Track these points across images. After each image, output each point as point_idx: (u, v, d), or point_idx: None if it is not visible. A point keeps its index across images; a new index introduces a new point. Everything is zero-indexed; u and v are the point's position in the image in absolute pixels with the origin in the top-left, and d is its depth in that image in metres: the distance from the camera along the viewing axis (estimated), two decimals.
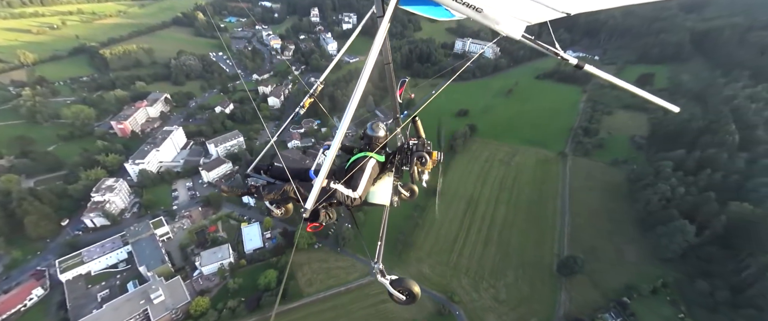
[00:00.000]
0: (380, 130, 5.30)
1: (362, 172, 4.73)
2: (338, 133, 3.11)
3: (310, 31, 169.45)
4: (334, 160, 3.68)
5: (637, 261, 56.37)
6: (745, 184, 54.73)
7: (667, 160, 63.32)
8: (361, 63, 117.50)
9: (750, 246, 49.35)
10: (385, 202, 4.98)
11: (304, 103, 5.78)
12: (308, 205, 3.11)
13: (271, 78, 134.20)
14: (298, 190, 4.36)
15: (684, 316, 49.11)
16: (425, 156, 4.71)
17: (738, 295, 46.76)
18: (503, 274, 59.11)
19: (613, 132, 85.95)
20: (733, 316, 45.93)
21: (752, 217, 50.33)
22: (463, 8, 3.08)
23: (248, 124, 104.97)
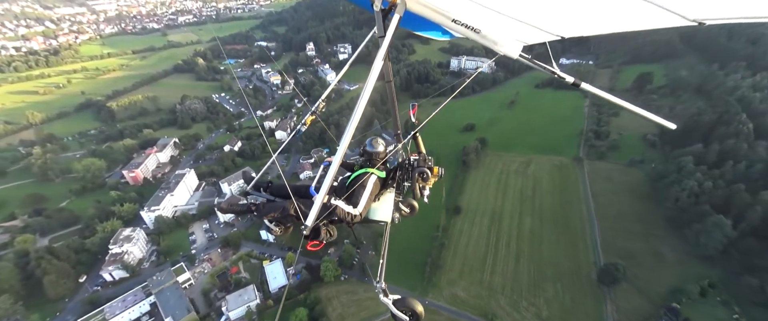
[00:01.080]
0: (379, 145, 5.34)
1: (363, 189, 4.70)
2: (339, 149, 3.17)
3: (308, 65, 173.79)
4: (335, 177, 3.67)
5: (677, 262, 54.68)
6: None
7: (687, 156, 62.98)
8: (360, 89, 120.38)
9: None
10: (387, 218, 4.96)
11: (306, 120, 5.90)
12: (309, 222, 3.11)
13: (274, 113, 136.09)
14: (299, 208, 4.22)
15: (739, 317, 46.95)
16: (427, 171, 4.68)
17: None
18: (541, 290, 57.07)
19: (623, 132, 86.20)
20: None
21: None
22: (462, 29, 3.24)
23: (258, 160, 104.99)
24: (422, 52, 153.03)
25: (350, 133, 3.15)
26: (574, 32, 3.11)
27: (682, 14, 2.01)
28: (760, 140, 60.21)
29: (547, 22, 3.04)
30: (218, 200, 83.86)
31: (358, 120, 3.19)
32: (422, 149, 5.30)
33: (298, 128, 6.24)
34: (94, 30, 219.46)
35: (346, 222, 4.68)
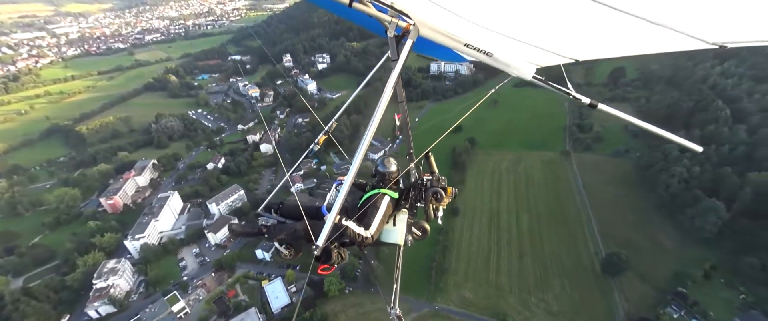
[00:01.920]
0: (392, 165, 5.25)
1: (376, 210, 4.63)
2: (352, 169, 3.12)
3: (287, 76, 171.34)
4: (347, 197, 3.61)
5: (675, 247, 56.62)
6: (754, 155, 57.48)
7: (672, 144, 65.77)
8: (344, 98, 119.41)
9: None
10: (399, 241, 4.82)
11: (318, 139, 5.93)
12: (320, 242, 3.00)
13: (256, 126, 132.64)
14: (310, 229, 4.18)
15: (745, 296, 48.94)
16: (441, 192, 4.62)
17: None
18: (548, 285, 57.49)
19: (605, 124, 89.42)
20: None
21: None
22: (474, 53, 3.30)
23: (245, 176, 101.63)
24: None
25: (363, 152, 3.14)
26: (589, 55, 3.07)
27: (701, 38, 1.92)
28: (739, 124, 63.88)
29: (560, 46, 3.01)
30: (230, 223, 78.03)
31: (370, 140, 3.13)
32: (435, 169, 5.22)
33: (311, 148, 6.19)
34: (55, 53, 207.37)
35: (357, 244, 4.59)
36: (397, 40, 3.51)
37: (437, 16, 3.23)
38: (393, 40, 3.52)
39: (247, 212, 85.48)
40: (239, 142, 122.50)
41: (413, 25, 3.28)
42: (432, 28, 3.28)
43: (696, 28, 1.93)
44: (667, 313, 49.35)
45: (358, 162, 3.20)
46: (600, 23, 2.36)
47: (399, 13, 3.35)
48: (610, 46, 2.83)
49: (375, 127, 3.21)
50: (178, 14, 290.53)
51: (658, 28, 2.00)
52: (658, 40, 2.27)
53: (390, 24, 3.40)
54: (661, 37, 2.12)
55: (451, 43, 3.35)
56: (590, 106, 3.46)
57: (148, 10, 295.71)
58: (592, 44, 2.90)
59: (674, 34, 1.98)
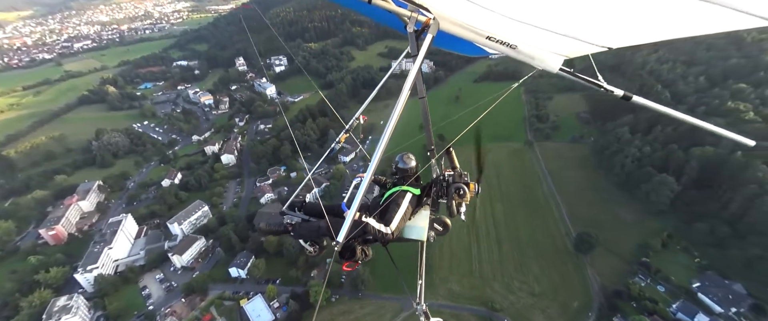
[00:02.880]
0: (411, 161, 5.27)
1: (398, 207, 4.63)
2: (371, 165, 3.11)
3: (242, 80, 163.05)
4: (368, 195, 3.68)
5: (635, 221, 62.14)
6: (695, 131, 64.76)
7: (622, 127, 72.33)
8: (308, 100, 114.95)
9: (724, 181, 57.95)
10: (422, 237, 4.82)
11: (340, 138, 5.94)
12: (340, 238, 3.07)
13: (213, 135, 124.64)
14: (332, 226, 4.15)
15: (700, 260, 54.96)
16: (463, 187, 4.60)
17: (737, 226, 54.22)
18: (528, 268, 60.33)
19: (560, 114, 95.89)
20: (742, 246, 52.74)
21: (716, 158, 59.41)
22: (497, 46, 3.21)
23: (207, 190, 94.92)
24: (362, 58, 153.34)
25: (382, 149, 3.08)
26: (624, 42, 2.80)
27: (759, 15, 1.68)
28: (679, 105, 71.69)
29: (591, 33, 2.77)
30: (257, 219, 74.73)
31: (390, 136, 3.08)
32: (457, 164, 5.16)
33: (333, 146, 6.18)
34: None
35: (380, 241, 4.61)
36: (417, 35, 3.45)
37: (458, 9, 3.10)
38: (412, 35, 3.45)
39: (215, 229, 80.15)
40: (196, 154, 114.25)
41: (433, 19, 3.20)
42: (453, 21, 3.21)
43: (753, 4, 1.66)
44: (636, 283, 54.08)
45: (378, 159, 3.11)
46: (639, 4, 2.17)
47: (418, 8, 3.26)
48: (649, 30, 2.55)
49: (394, 123, 3.12)
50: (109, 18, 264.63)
51: (707, 6, 1.75)
52: (706, 20, 2.01)
53: (409, 19, 3.33)
54: (710, 16, 1.90)
55: (472, 37, 3.26)
56: (624, 98, 3.33)
57: (75, 15, 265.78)
58: (629, 29, 2.63)
59: (726, 12, 1.76)
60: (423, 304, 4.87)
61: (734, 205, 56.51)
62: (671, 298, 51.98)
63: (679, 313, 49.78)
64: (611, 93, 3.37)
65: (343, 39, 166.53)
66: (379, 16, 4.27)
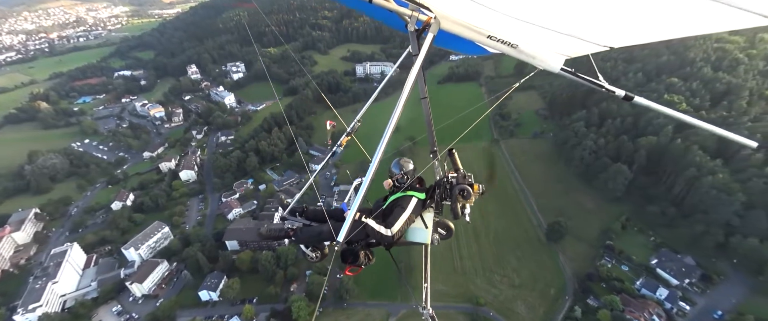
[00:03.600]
0: (409, 164, 5.27)
1: (402, 210, 4.66)
2: (371, 167, 3.20)
3: (196, 90, 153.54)
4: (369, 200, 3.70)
5: (596, 208, 67.10)
6: (638, 123, 71.57)
7: (578, 122, 78.02)
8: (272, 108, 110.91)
9: (668, 167, 64.48)
10: (426, 240, 4.89)
11: (341, 141, 5.87)
12: (340, 238, 3.16)
13: (168, 151, 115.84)
14: (334, 230, 4.21)
15: (654, 238, 60.56)
16: (468, 189, 4.56)
17: (682, 206, 60.39)
18: (507, 260, 62.67)
19: (520, 111, 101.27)
20: (688, 223, 58.79)
21: (659, 146, 65.92)
22: (498, 45, 3.23)
23: (166, 210, 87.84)
24: (325, 63, 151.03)
25: (381, 151, 3.13)
26: (626, 41, 2.88)
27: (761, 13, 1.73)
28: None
29: (593, 33, 2.81)
30: (257, 224, 72.20)
31: (389, 137, 3.13)
32: (460, 166, 5.10)
33: (334, 150, 5.98)
34: None
35: (383, 244, 4.64)
36: (418, 35, 3.46)
37: (459, 8, 3.09)
38: (414, 34, 3.46)
39: (179, 251, 74.36)
40: (150, 172, 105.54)
41: (434, 18, 3.20)
42: (454, 20, 3.19)
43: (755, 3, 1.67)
44: (603, 265, 58.32)
45: (378, 160, 3.13)
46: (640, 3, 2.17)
47: (419, 7, 3.26)
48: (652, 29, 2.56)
49: (395, 123, 3.14)
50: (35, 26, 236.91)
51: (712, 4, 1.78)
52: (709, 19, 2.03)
53: (410, 18, 3.33)
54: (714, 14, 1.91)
55: (473, 36, 3.25)
56: (625, 98, 3.30)
57: None
58: (631, 28, 2.65)
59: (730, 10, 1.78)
60: (429, 308, 4.72)
61: (678, 187, 63.16)
62: (635, 276, 56.74)
63: (643, 289, 54.43)
64: (612, 93, 3.28)
65: (303, 43, 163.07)
66: (380, 15, 4.17)
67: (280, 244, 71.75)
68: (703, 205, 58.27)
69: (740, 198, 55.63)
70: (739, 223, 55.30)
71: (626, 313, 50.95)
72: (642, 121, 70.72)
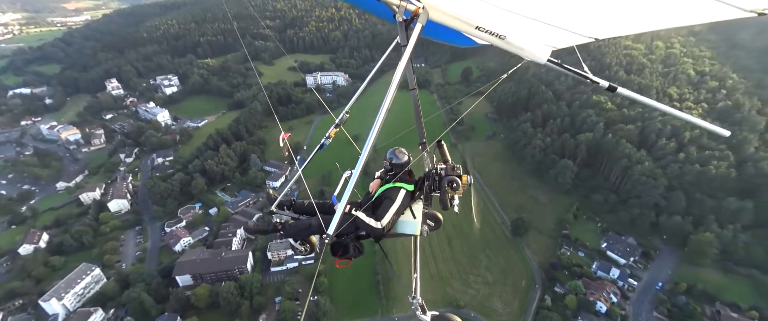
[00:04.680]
0: (404, 155, 5.25)
1: (391, 202, 4.69)
2: (360, 159, 3.25)
3: (119, 107, 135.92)
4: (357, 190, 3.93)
5: (550, 202, 73.02)
6: (575, 121, 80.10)
7: (525, 123, 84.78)
8: (218, 124, 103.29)
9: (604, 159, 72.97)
10: (415, 232, 4.94)
11: (330, 133, 5.74)
12: (330, 231, 3.25)
13: (90, 178, 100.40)
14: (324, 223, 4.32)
15: (601, 224, 67.65)
16: (456, 180, 4.64)
17: (619, 193, 68.41)
18: (478, 260, 64.86)
19: (472, 115, 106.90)
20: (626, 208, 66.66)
21: (595, 141, 74.30)
22: (486, 36, 3.30)
23: (94, 248, 75.69)
24: (271, 74, 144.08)
25: (371, 143, 3.18)
26: (610, 33, 3.03)
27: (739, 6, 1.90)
28: (560, 101, 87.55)
29: (579, 24, 2.94)
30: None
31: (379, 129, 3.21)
32: (448, 157, 5.24)
33: (322, 143, 5.79)
34: None
35: (372, 236, 4.69)
36: (406, 25, 3.43)
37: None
38: (402, 24, 3.43)
39: (116, 295, 64.44)
40: (68, 205, 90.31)
41: (422, 8, 3.20)
42: (442, 11, 3.20)
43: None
44: (563, 253, 63.47)
45: (367, 151, 3.15)
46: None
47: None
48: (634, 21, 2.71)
49: (384, 114, 3.16)
50: None
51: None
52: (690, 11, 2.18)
53: (398, 8, 3.34)
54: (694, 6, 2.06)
55: (461, 27, 3.28)
56: (609, 89, 3.37)
57: None
58: (615, 20, 2.78)
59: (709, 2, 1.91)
60: (418, 297, 4.80)
61: (614, 176, 71.75)
62: (590, 260, 62.64)
63: (599, 271, 60.26)
64: (597, 84, 3.34)
65: (245, 54, 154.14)
66: (368, 5, 4.12)
67: (241, 272, 66.05)
68: (635, 190, 66.85)
69: (663, 182, 65.00)
70: (665, 203, 64.45)
71: (588, 296, 55.79)
72: (578, 120, 79.41)
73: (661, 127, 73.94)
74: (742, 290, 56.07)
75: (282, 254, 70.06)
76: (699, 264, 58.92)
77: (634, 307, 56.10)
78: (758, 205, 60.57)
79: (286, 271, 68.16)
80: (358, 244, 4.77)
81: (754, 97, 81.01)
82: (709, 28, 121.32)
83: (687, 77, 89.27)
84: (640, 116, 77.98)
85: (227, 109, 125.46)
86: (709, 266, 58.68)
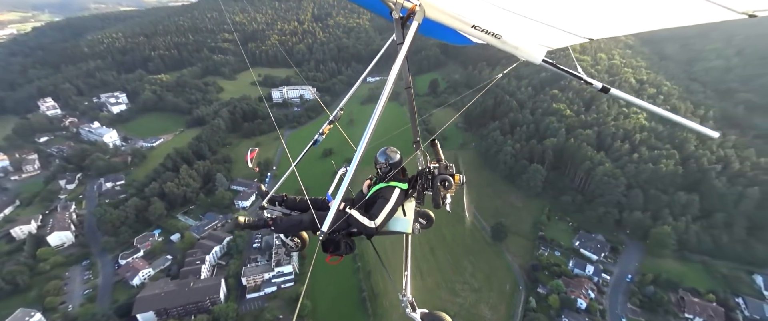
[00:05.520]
0: (396, 154, 5.29)
1: (386, 201, 4.73)
2: (356, 156, 3.27)
3: (56, 129, 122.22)
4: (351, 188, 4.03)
5: (524, 205, 75.90)
6: (539, 127, 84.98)
7: (494, 131, 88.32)
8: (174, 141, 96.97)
9: (568, 162, 77.63)
10: (407, 229, 4.99)
11: (323, 129, 5.65)
12: (324, 228, 3.27)
13: (23, 210, 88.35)
14: (317, 219, 4.49)
15: (572, 223, 71.33)
16: (449, 178, 4.64)
17: (585, 194, 72.83)
18: (463, 267, 65.12)
19: (440, 126, 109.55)
20: (592, 207, 70.91)
21: (559, 146, 79.02)
22: (482, 35, 3.29)
23: (32, 290, 66.02)
24: (233, 89, 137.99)
25: (366, 140, 3.16)
26: (605, 33, 3.06)
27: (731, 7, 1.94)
28: (524, 110, 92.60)
29: (574, 24, 2.96)
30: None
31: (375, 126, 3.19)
32: (442, 156, 5.28)
33: (315, 139, 5.75)
34: None
35: (365, 234, 4.70)
36: (403, 22, 3.49)
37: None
38: (398, 22, 3.48)
39: None
40: None
41: (419, 5, 3.21)
42: (439, 9, 3.20)
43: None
44: (542, 254, 65.85)
45: (363, 149, 3.17)
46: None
47: None
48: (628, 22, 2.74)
49: (381, 110, 3.17)
50: None
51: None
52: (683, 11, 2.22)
53: (395, 5, 3.40)
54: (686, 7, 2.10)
55: (458, 25, 3.28)
56: (602, 90, 3.41)
57: None
58: (609, 21, 2.81)
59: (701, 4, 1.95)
60: (409, 295, 4.72)
61: (578, 178, 76.54)
62: (566, 259, 65.49)
63: (575, 269, 63.12)
64: (590, 85, 3.42)
65: (203, 68, 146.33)
66: (365, 2, 4.18)
67: (214, 302, 60.60)
68: (599, 190, 71.69)
69: (623, 181, 70.40)
70: (626, 201, 69.71)
71: (569, 293, 58.04)
72: (542, 127, 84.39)
73: (614, 131, 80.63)
74: (699, 276, 61.53)
75: (258, 279, 65.55)
76: (660, 255, 63.90)
77: (610, 301, 59.20)
78: (702, 197, 67.48)
79: (263, 297, 63.63)
80: (350, 241, 4.73)
81: (687, 101, 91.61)
82: (642, 42, 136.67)
83: (630, 85, 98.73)
84: (595, 121, 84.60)
85: (185, 127, 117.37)
86: (669, 256, 63.83)
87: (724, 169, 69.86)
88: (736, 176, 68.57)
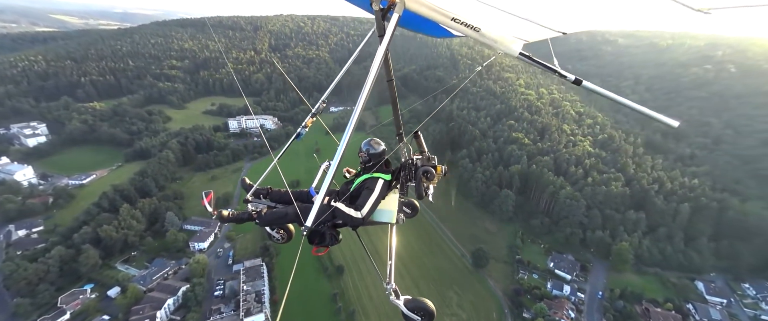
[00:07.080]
0: (380, 145, 5.40)
1: (370, 193, 4.78)
2: (339, 149, 3.28)
3: None
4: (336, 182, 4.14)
5: (498, 230, 78.21)
6: (503, 154, 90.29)
7: (463, 159, 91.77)
8: (111, 177, 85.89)
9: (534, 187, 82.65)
10: (392, 220, 5.08)
11: (306, 122, 5.72)
12: (308, 223, 3.27)
13: None
14: (301, 212, 4.54)
15: (544, 245, 74.66)
16: (431, 170, 4.75)
17: (552, 216, 77.37)
18: (448, 298, 63.26)
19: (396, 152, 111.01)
20: (559, 228, 75.23)
21: (524, 172, 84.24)
22: (461, 28, 3.34)
23: None
24: (181, 119, 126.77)
25: (349, 133, 3.21)
26: (578, 27, 3.21)
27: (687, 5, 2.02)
28: (487, 138, 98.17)
29: (550, 18, 3.08)
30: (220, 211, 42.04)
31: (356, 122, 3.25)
32: (424, 148, 5.43)
33: (298, 132, 5.84)
34: None
35: (350, 225, 4.77)
36: (383, 15, 3.47)
37: None
38: (378, 14, 3.45)
39: None
40: None
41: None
42: (418, 0, 3.22)
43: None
44: (521, 277, 67.37)
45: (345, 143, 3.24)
46: None
47: None
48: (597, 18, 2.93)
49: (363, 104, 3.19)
50: None
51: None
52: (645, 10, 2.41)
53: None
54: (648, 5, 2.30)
55: (438, 17, 3.30)
56: (575, 82, 3.54)
57: None
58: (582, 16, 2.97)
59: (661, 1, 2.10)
60: (393, 283, 4.85)
61: (543, 202, 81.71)
62: (544, 281, 67.75)
63: (554, 290, 65.38)
64: (564, 77, 3.52)
65: (146, 96, 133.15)
66: None
67: None
68: (564, 212, 77.00)
69: (583, 203, 76.57)
70: (587, 221, 75.57)
71: (553, 315, 59.50)
72: (505, 154, 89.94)
73: (568, 157, 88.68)
74: (655, 287, 67.55)
75: None
76: (622, 270, 69.32)
77: (587, 318, 61.85)
78: (647, 214, 75.85)
79: None
80: (335, 233, 4.76)
81: (619, 130, 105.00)
82: None
83: (572, 116, 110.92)
84: (550, 148, 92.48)
85: (124, 161, 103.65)
86: (629, 271, 69.48)
87: (660, 188, 79.81)
88: (670, 194, 78.71)
